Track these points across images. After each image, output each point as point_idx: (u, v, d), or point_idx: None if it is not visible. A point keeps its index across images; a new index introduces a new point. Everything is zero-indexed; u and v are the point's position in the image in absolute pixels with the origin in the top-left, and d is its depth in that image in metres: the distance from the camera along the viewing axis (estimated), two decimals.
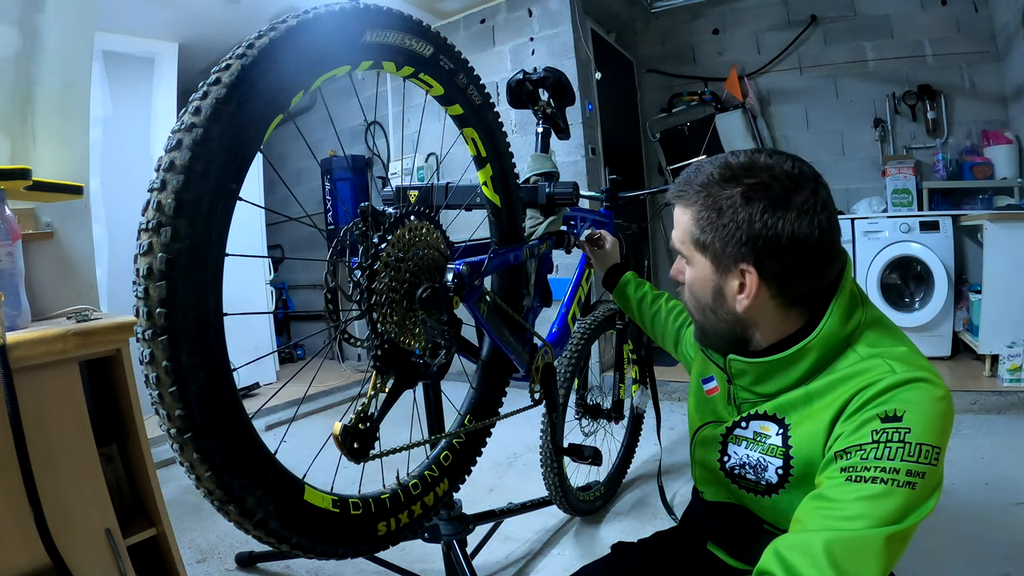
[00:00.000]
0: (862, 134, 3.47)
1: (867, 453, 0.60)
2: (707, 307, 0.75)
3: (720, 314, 0.74)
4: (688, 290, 0.78)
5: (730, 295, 0.72)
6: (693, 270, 0.75)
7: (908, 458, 0.58)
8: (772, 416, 0.75)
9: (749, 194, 0.67)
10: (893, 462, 0.58)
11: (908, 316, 2.97)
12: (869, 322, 0.71)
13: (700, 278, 0.74)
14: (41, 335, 1.05)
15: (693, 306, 0.78)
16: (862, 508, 0.57)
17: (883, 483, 0.57)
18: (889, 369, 0.64)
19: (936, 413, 0.61)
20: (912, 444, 0.59)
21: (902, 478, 0.57)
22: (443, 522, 1.24)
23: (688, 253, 0.75)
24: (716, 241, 0.70)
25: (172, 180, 0.54)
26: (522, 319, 1.13)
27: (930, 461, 0.59)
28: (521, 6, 3.30)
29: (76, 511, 1.10)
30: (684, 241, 0.74)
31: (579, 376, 1.67)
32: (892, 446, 0.59)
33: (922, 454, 0.58)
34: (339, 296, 0.76)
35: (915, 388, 0.62)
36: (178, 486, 2.06)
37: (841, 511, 0.58)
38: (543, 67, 1.36)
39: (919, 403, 0.61)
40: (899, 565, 0.55)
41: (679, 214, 0.75)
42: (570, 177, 1.49)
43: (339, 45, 0.69)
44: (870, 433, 0.61)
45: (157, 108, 3.10)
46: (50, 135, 1.39)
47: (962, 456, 1.98)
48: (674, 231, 0.76)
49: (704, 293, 0.75)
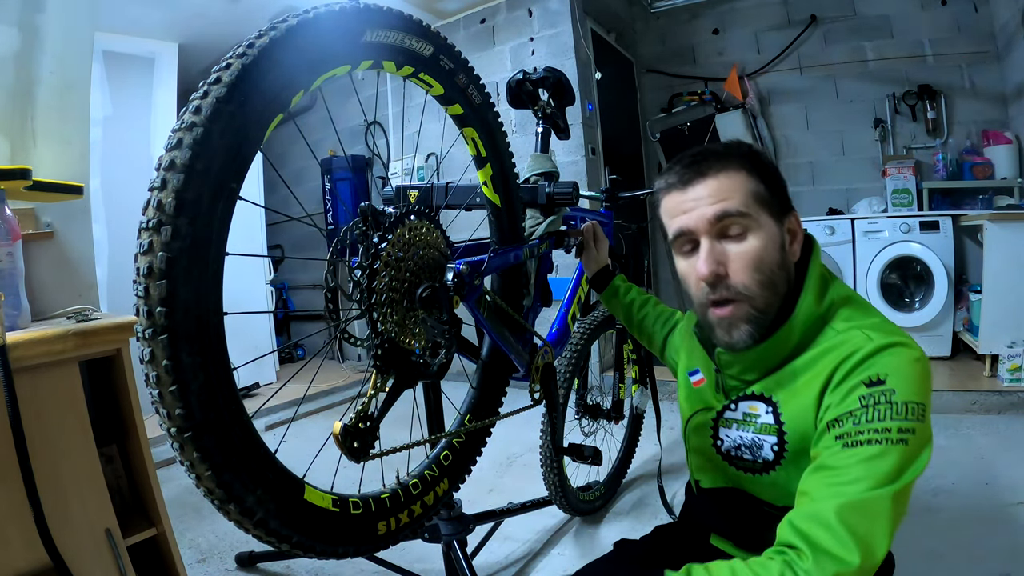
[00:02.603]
0: (862, 134, 3.47)
1: (858, 418, 0.63)
2: (775, 272, 0.73)
3: (784, 275, 0.74)
4: (753, 268, 0.72)
5: (786, 248, 0.75)
6: (762, 235, 0.72)
7: (897, 416, 0.62)
8: (760, 396, 0.77)
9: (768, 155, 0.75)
10: (884, 422, 0.62)
11: (908, 316, 2.97)
12: (841, 300, 0.75)
13: (771, 238, 0.73)
14: (41, 335, 1.05)
15: (758, 283, 0.72)
16: (863, 470, 0.60)
17: (878, 443, 0.61)
18: (867, 338, 0.68)
19: (916, 373, 0.65)
20: (899, 403, 0.62)
21: (895, 436, 0.61)
22: (443, 522, 1.24)
23: (755, 215, 0.72)
24: (773, 194, 0.74)
25: (173, 179, 0.54)
26: (522, 319, 1.13)
27: (917, 417, 0.62)
28: (521, 6, 3.30)
29: (76, 511, 1.10)
30: (748, 203, 0.72)
31: (579, 376, 1.67)
32: (881, 408, 0.62)
33: (909, 411, 0.62)
34: (339, 296, 0.76)
35: (893, 352, 0.66)
36: (178, 486, 2.06)
37: (844, 476, 0.60)
38: (543, 67, 1.36)
39: (899, 366, 0.65)
40: (899, 565, 0.56)
41: (725, 182, 0.72)
42: (570, 177, 1.49)
43: (339, 44, 0.69)
44: (858, 399, 0.64)
45: (157, 108, 3.10)
46: (50, 135, 1.39)
47: (962, 456, 1.98)
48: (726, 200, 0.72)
49: (773, 256, 0.73)
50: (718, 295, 0.73)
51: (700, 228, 0.73)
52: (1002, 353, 2.48)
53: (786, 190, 0.77)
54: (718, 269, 0.72)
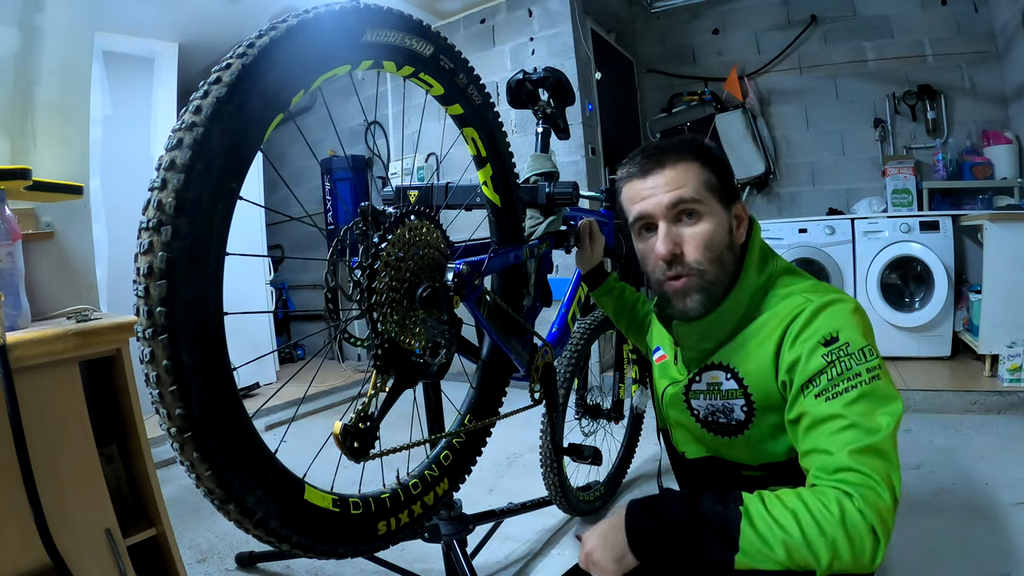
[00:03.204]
0: (862, 134, 3.47)
1: (830, 374, 0.72)
2: (723, 251, 0.83)
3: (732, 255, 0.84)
4: (704, 247, 0.81)
5: (734, 231, 0.85)
6: (712, 219, 0.82)
7: (860, 362, 0.71)
8: (719, 365, 0.86)
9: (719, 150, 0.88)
10: (852, 370, 0.71)
11: (908, 316, 2.97)
12: (780, 271, 0.86)
13: (720, 221, 0.83)
14: (41, 335, 1.05)
15: (709, 260, 0.82)
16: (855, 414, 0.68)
17: (855, 388, 0.70)
18: (806, 300, 0.78)
19: (857, 322, 0.75)
20: (856, 352, 0.72)
21: (866, 377, 0.70)
22: (443, 522, 1.24)
23: (707, 201, 0.82)
24: (722, 184, 0.84)
25: (173, 179, 0.54)
26: (522, 319, 1.13)
27: (874, 357, 0.72)
28: (521, 6, 3.30)
29: (76, 511, 1.10)
30: (700, 191, 0.82)
31: (579, 376, 1.67)
32: (844, 360, 0.72)
33: (866, 354, 0.72)
34: (339, 296, 0.76)
35: (832, 309, 0.76)
36: (178, 486, 2.06)
37: (840, 423, 0.69)
38: (543, 67, 1.36)
39: (843, 320, 0.75)
40: (899, 565, 0.56)
41: (684, 170, 0.82)
42: (570, 177, 1.49)
43: (339, 44, 0.69)
44: (821, 358, 0.73)
45: (157, 108, 3.10)
46: (50, 135, 1.39)
47: (962, 456, 1.98)
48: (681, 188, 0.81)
49: (722, 238, 0.83)
50: (674, 272, 0.83)
51: (658, 213, 0.83)
52: (1002, 353, 2.48)
53: (733, 181, 0.88)
54: (674, 249, 0.82)
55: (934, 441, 2.14)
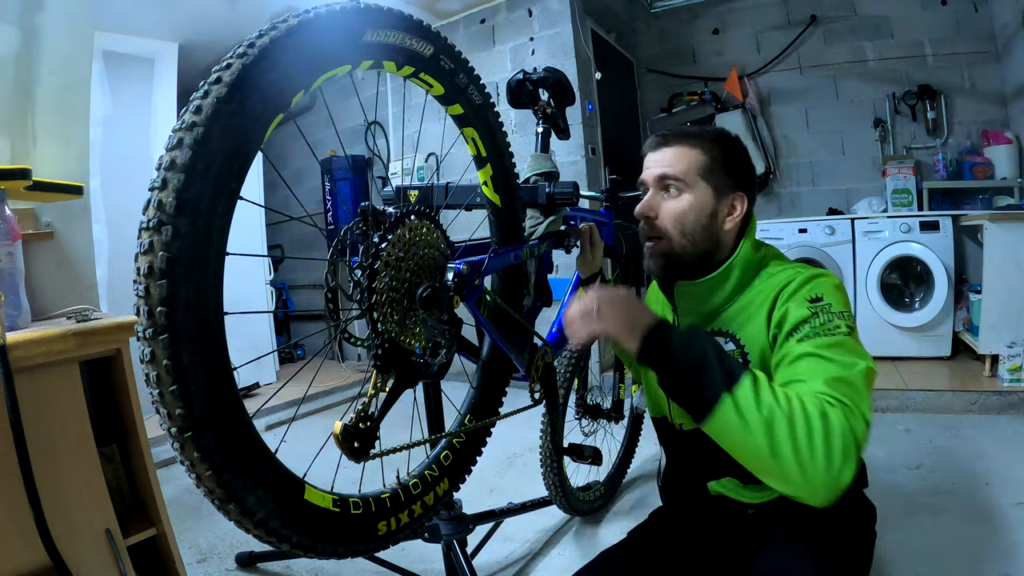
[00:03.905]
0: (862, 134, 3.47)
1: (812, 322, 0.82)
2: (696, 228, 0.93)
3: (707, 234, 0.94)
4: (675, 218, 0.93)
5: (721, 217, 0.94)
6: (692, 197, 0.93)
7: (840, 318, 0.82)
8: (718, 331, 0.95)
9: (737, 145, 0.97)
10: (832, 321, 0.81)
11: (908, 316, 2.97)
12: (772, 255, 0.98)
13: (700, 203, 0.93)
14: (41, 335, 1.05)
15: (678, 231, 0.93)
16: (832, 353, 0.77)
17: (832, 335, 0.79)
18: (797, 272, 0.90)
19: (840, 294, 0.86)
20: (837, 311, 0.83)
21: (844, 329, 0.80)
22: (443, 522, 1.24)
23: (690, 182, 0.93)
24: (720, 173, 0.93)
25: (173, 179, 0.54)
26: (522, 319, 1.13)
27: (851, 322, 0.83)
28: (521, 6, 3.29)
29: (76, 511, 1.10)
30: (688, 172, 0.93)
31: (579, 376, 1.67)
32: (826, 313, 0.82)
33: (845, 316, 0.83)
34: (339, 296, 0.76)
35: (820, 280, 0.87)
36: (178, 486, 2.06)
37: (819, 359, 0.77)
38: (543, 67, 1.36)
39: (828, 288, 0.86)
40: (900, 565, 0.56)
41: (679, 152, 0.94)
42: (570, 177, 1.49)
43: (340, 44, 0.69)
44: (807, 310, 0.83)
45: (157, 108, 3.09)
46: (50, 135, 1.39)
47: (962, 456, 1.98)
48: (669, 167, 0.94)
49: (699, 217, 0.93)
50: (648, 232, 0.97)
51: (648, 182, 0.97)
52: (1002, 353, 2.48)
53: (741, 176, 0.96)
54: (648, 212, 0.96)
55: (934, 441, 2.13)
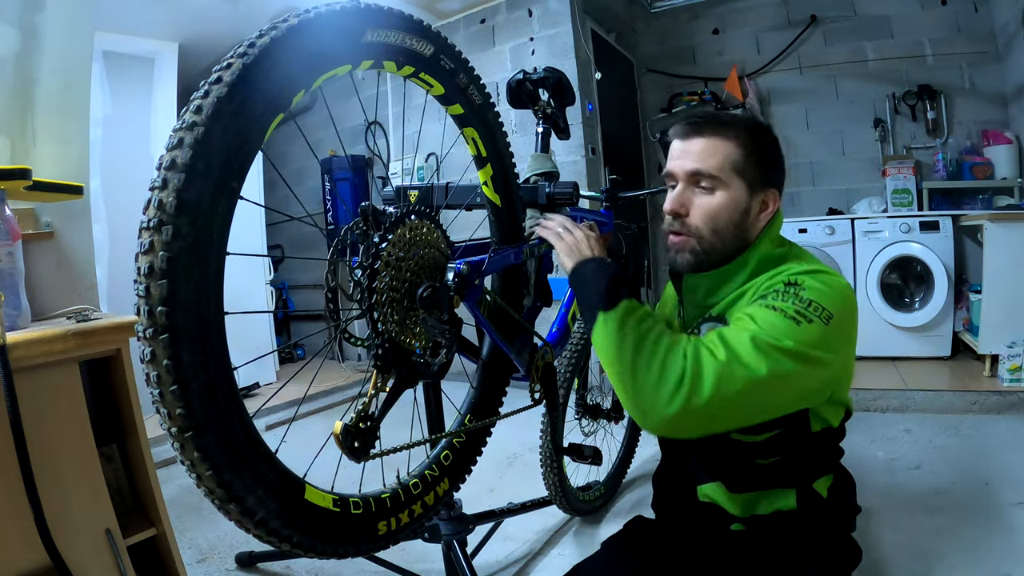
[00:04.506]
0: (862, 134, 3.47)
1: (768, 297, 0.80)
2: (729, 227, 0.89)
3: (738, 232, 0.89)
4: (708, 217, 0.88)
5: (754, 214, 0.90)
6: (724, 196, 0.88)
7: (797, 303, 0.78)
8: (718, 317, 0.92)
9: (772, 136, 0.91)
10: (785, 303, 0.78)
11: (908, 316, 2.97)
12: (795, 255, 0.92)
13: (734, 199, 0.88)
14: (41, 335, 1.05)
15: (709, 229, 0.89)
16: (767, 320, 0.77)
17: (774, 311, 0.77)
18: (801, 266, 0.86)
19: (833, 287, 0.81)
20: (803, 298, 0.78)
21: (791, 312, 0.77)
22: (443, 522, 1.24)
23: (725, 178, 0.87)
24: (755, 168, 0.88)
25: (174, 178, 0.54)
26: (522, 319, 1.13)
27: (819, 316, 0.77)
28: (521, 6, 3.29)
29: (76, 511, 1.10)
30: (723, 167, 0.87)
31: (579, 376, 1.67)
32: (788, 295, 0.79)
33: (810, 306, 0.77)
34: (339, 296, 0.76)
35: (818, 275, 0.82)
36: (178, 486, 2.06)
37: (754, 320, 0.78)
38: (543, 67, 1.36)
39: (819, 283, 0.81)
40: (900, 565, 0.56)
41: (713, 145, 0.88)
42: (570, 177, 1.48)
43: (340, 44, 0.69)
44: (774, 291, 0.81)
45: (157, 108, 3.09)
46: (50, 135, 1.39)
47: (962, 456, 1.98)
48: (702, 161, 0.88)
49: (733, 214, 0.88)
50: (676, 228, 0.92)
51: (679, 175, 0.91)
52: (1002, 353, 2.48)
53: (776, 170, 0.91)
54: (680, 209, 0.90)
55: (934, 441, 2.13)
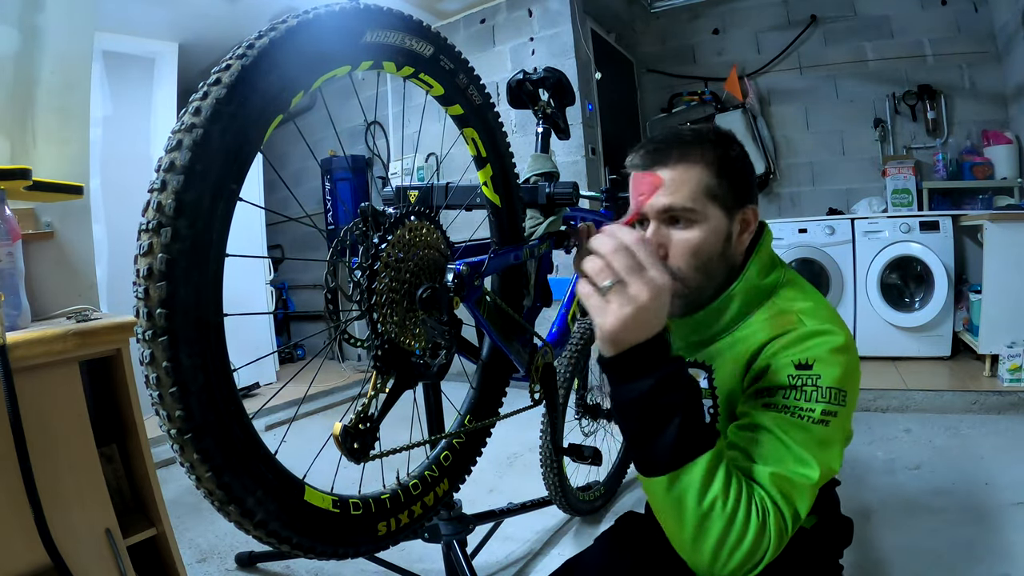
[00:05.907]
0: (862, 134, 3.47)
1: (787, 393, 0.70)
2: (713, 259, 0.80)
3: (723, 260, 0.81)
4: (690, 254, 0.78)
5: (735, 237, 0.81)
6: (704, 227, 0.78)
7: (821, 400, 0.68)
8: (701, 364, 0.84)
9: (739, 146, 0.82)
10: (809, 403, 0.68)
11: (908, 316, 2.97)
12: (786, 281, 0.83)
13: (715, 230, 0.79)
14: (41, 335, 1.05)
15: (692, 267, 0.79)
16: (790, 439, 0.67)
17: (801, 419, 0.68)
18: (799, 322, 0.75)
19: (840, 361, 0.71)
20: (823, 388, 0.69)
21: (817, 416, 0.68)
22: (443, 522, 1.24)
23: (701, 209, 0.78)
24: (729, 189, 0.79)
25: (172, 180, 0.54)
26: (522, 319, 1.13)
27: (839, 402, 0.69)
28: (521, 6, 3.29)
29: (76, 511, 1.10)
30: (696, 198, 0.78)
31: (579, 376, 1.67)
32: (807, 390, 0.69)
33: (832, 396, 0.69)
34: (339, 296, 0.76)
35: (821, 338, 0.73)
36: (178, 486, 2.06)
37: (772, 442, 0.67)
38: (543, 67, 1.36)
39: (826, 353, 0.71)
40: (900, 565, 0.56)
41: (682, 174, 0.78)
42: (570, 177, 1.49)
43: (339, 45, 0.69)
44: (787, 377, 0.71)
45: (157, 108, 3.10)
46: (50, 135, 1.39)
47: (962, 456, 1.98)
48: (672, 194, 0.78)
49: (715, 244, 0.79)
50: None
51: (650, 213, 0.80)
52: (1002, 353, 2.48)
53: (747, 183, 0.82)
54: (658, 250, 0.79)
55: (934, 441, 2.14)
